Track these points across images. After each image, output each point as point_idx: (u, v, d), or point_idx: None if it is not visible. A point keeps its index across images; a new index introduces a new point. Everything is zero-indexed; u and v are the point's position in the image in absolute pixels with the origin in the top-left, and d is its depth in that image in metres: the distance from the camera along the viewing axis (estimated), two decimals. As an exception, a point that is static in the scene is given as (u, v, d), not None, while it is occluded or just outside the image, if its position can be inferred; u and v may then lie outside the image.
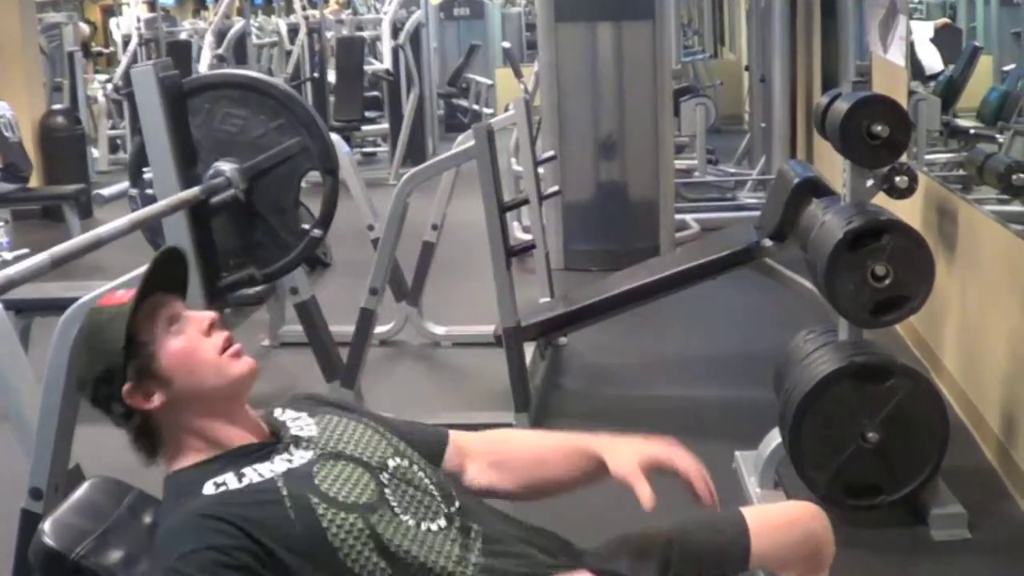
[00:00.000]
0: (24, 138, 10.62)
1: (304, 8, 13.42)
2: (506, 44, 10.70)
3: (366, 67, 13.65)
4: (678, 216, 8.50)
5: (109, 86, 14.43)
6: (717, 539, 2.30)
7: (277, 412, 2.24)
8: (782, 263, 5.38)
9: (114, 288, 2.39)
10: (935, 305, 5.11)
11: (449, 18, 16.56)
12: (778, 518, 2.39)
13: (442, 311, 6.88)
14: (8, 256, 8.23)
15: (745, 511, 2.35)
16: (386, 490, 2.08)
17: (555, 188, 6.80)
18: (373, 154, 14.18)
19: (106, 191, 7.92)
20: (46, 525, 2.10)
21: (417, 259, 6.62)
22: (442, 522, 2.09)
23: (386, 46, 12.89)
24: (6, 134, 10.21)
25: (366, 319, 5.42)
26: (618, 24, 7.97)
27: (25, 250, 8.45)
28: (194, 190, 3.10)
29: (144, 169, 3.39)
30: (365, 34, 14.21)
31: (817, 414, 3.94)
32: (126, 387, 2.08)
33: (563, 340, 6.37)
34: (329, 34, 14.10)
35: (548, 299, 6.43)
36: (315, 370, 5.49)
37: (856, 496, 3.98)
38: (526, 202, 5.30)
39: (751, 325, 6.62)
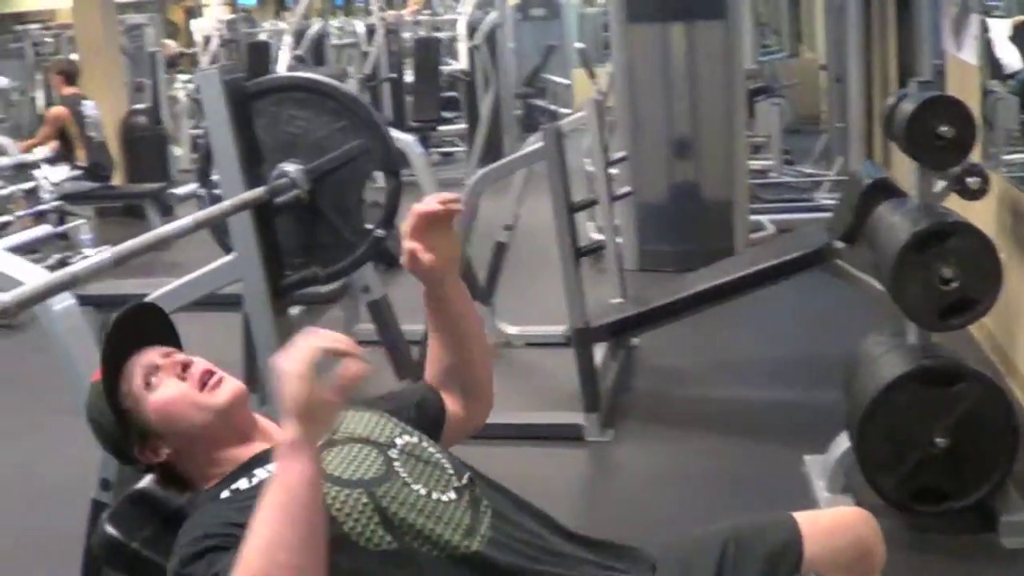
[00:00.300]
0: (107, 137, 10.79)
1: (381, 9, 13.47)
2: (580, 45, 10.69)
3: (443, 68, 13.69)
4: (753, 217, 8.45)
5: (191, 86, 14.59)
6: (771, 543, 2.29)
7: None
8: (854, 265, 5.34)
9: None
10: (1010, 307, 5.06)
11: (526, 18, 16.56)
12: (829, 523, 2.38)
13: (515, 311, 6.88)
14: (90, 252, 8.35)
15: (797, 516, 2.34)
16: (395, 463, 2.09)
17: (627, 189, 6.78)
18: (451, 154, 14.21)
19: (179, 190, 8.05)
20: (108, 514, 2.17)
21: (490, 259, 6.63)
22: (452, 494, 2.09)
23: (462, 47, 12.94)
24: (91, 133, 10.39)
25: (436, 318, 5.43)
26: (690, 24, 7.94)
27: (106, 247, 8.56)
28: (259, 190, 3.13)
29: (212, 169, 3.44)
30: (442, 35, 14.26)
31: (884, 418, 3.90)
32: (136, 452, 2.20)
33: (635, 341, 6.35)
34: (406, 35, 14.16)
35: (620, 300, 6.41)
36: (387, 368, 5.55)
37: (924, 501, 3.95)
38: (595, 203, 5.30)
39: (823, 327, 6.56)
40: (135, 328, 2.26)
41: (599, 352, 5.70)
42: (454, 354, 2.43)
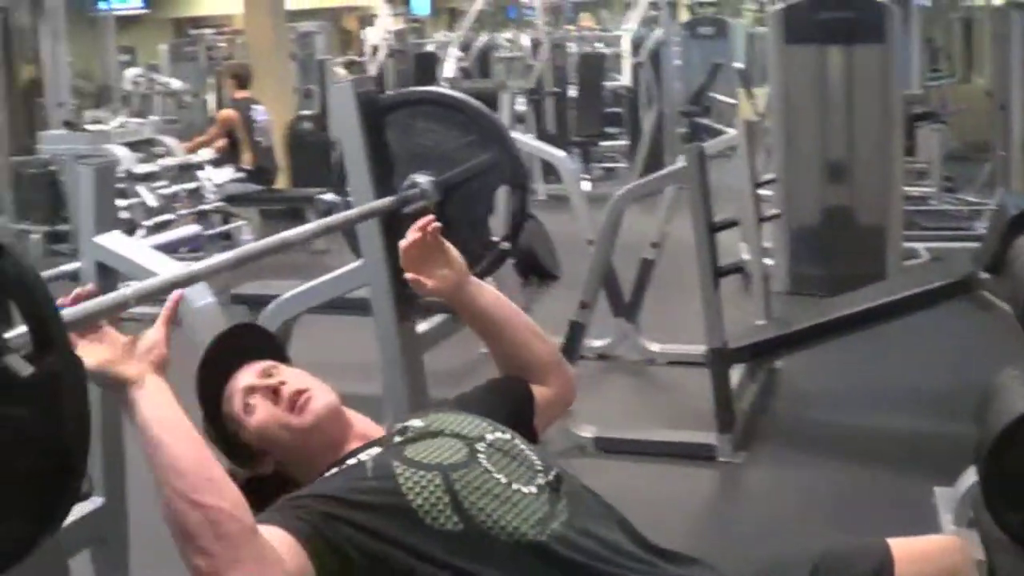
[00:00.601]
0: (273, 142, 11.06)
1: (547, 24, 13.59)
2: (739, 64, 10.67)
3: (607, 83, 13.75)
4: (908, 244, 8.33)
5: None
6: (861, 569, 2.28)
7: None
8: (999, 296, 5.25)
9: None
10: None
11: (694, 36, 16.51)
12: (922, 550, 2.35)
13: (659, 328, 6.89)
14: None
15: (891, 541, 2.33)
16: (480, 455, 2.16)
17: (775, 211, 6.76)
18: (612, 170, 14.26)
19: (327, 197, 8.23)
20: None
21: (636, 276, 6.66)
22: (534, 488, 2.14)
23: (626, 63, 13.00)
24: (258, 139, 10.65)
25: (576, 331, 5.50)
26: (849, 48, 7.86)
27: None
28: (387, 199, 3.21)
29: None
30: (607, 50, 14.32)
31: (1013, 452, 3.83)
32: (248, 474, 2.29)
33: (778, 364, 6.33)
34: (572, 49, 14.25)
35: (763, 322, 6.39)
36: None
37: (1053, 541, 3.87)
38: (736, 223, 5.31)
39: (966, 357, 6.44)
40: (233, 348, 2.37)
41: (738, 373, 5.70)
42: (505, 343, 2.58)
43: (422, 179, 3.36)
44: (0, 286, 1.60)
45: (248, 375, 2.32)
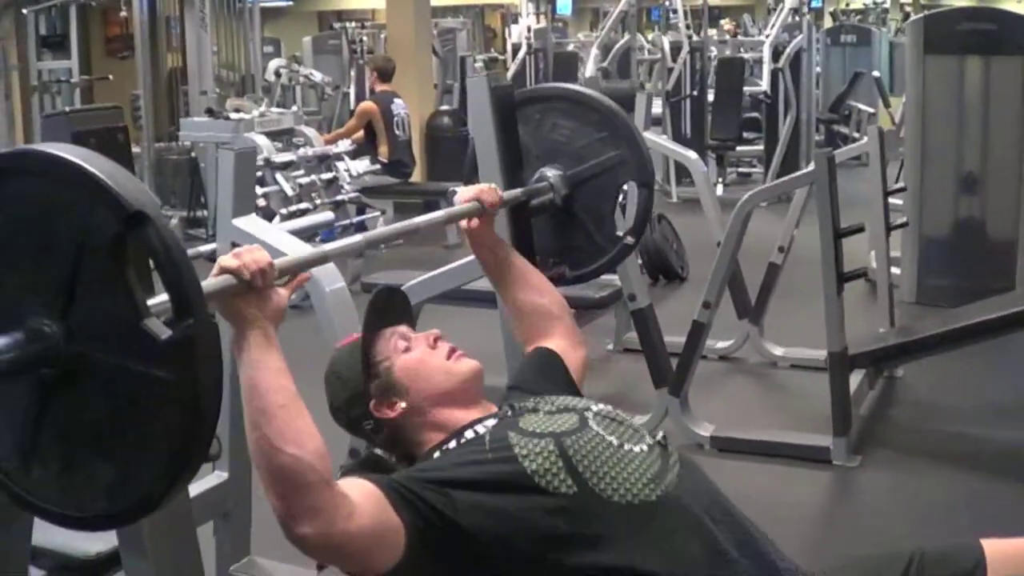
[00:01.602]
0: (412, 136, 11.22)
1: (688, 27, 13.60)
2: (876, 73, 10.61)
3: (746, 88, 13.74)
4: (1043, 259, 8.25)
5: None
6: (953, 569, 2.31)
7: None
8: None
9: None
10: None
11: (835, 43, 16.42)
12: (1017, 552, 2.39)
13: (783, 332, 6.93)
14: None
15: (986, 542, 2.36)
16: (590, 421, 2.30)
17: (903, 220, 6.76)
18: (748, 175, 14.25)
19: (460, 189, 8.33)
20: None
21: (762, 279, 6.70)
22: (644, 447, 2.27)
23: (766, 68, 12.98)
24: (397, 132, 10.82)
25: (697, 331, 5.55)
26: (987, 59, 7.82)
27: (399, 240, 8.95)
28: (516, 191, 3.31)
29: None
30: (747, 55, 14.30)
31: None
32: (372, 403, 2.41)
33: (899, 372, 6.33)
34: (712, 53, 14.26)
35: (886, 329, 6.40)
36: (646, 376, 5.69)
37: None
38: (861, 229, 5.32)
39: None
40: (389, 305, 2.53)
41: (858, 379, 5.72)
42: (520, 287, 2.85)
43: (551, 173, 3.45)
44: (143, 252, 1.71)
45: (405, 329, 2.50)
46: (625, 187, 3.48)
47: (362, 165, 9.60)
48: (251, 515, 3.88)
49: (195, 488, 3.91)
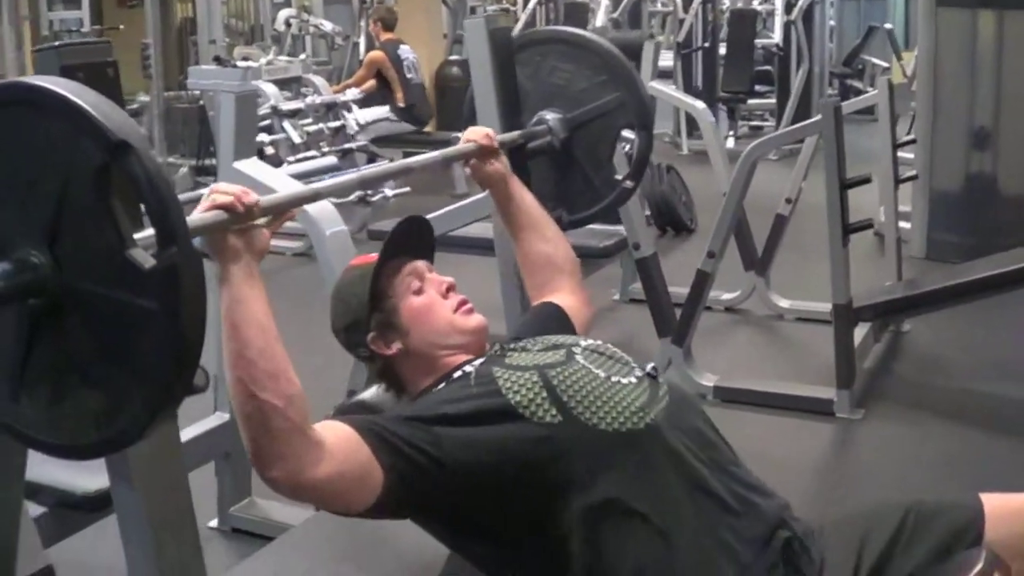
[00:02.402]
0: (424, 80, 11.21)
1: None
2: (888, 26, 10.55)
3: (758, 41, 13.66)
4: (1052, 214, 8.22)
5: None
6: (950, 520, 2.30)
7: None
8: None
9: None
10: None
11: (850, -3, 16.37)
12: (1018, 506, 2.35)
13: (790, 284, 6.92)
14: (389, 193, 8.74)
15: (986, 496, 2.34)
16: (577, 356, 2.31)
17: (912, 173, 6.72)
18: (760, 128, 14.16)
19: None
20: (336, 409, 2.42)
21: (769, 231, 6.69)
22: (633, 379, 2.28)
23: (778, 21, 12.91)
24: (409, 75, 10.83)
25: (701, 281, 5.54)
26: (1001, 12, 7.75)
27: (406, 188, 8.96)
28: (513, 133, 3.30)
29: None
30: (759, 7, 14.20)
31: None
32: (370, 336, 2.41)
33: (906, 327, 6.32)
34: (724, 4, 14.17)
35: (892, 283, 6.38)
36: (649, 325, 5.69)
37: None
38: (868, 180, 5.30)
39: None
40: (412, 234, 2.53)
41: (863, 333, 5.71)
42: (536, 236, 2.88)
43: (550, 116, 3.44)
44: (125, 181, 1.70)
45: (422, 267, 2.48)
46: (625, 132, 3.48)
47: (372, 112, 9.59)
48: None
49: (196, 429, 3.95)
